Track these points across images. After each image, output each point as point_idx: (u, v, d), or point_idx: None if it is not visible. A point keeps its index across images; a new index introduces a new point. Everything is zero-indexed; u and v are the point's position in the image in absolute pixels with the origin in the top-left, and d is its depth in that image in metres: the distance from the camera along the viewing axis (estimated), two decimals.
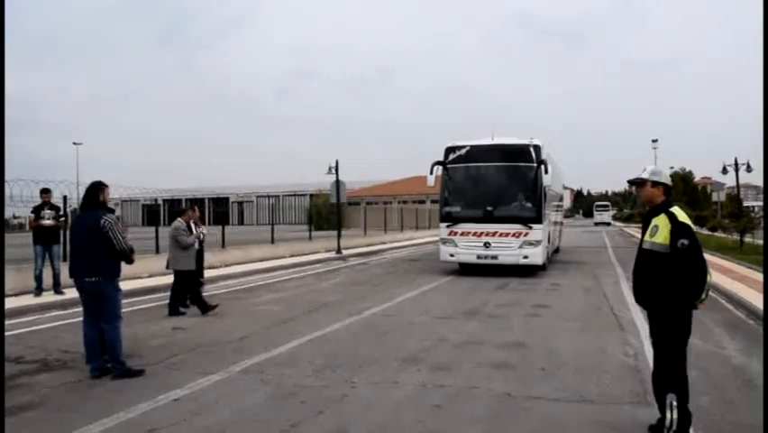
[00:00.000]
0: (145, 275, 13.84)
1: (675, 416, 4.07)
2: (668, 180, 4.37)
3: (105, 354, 6.23)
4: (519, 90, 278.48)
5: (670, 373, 4.16)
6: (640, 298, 4.42)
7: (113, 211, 6.31)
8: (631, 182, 4.56)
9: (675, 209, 4.21)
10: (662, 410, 4.19)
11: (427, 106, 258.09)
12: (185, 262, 9.98)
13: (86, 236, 6.06)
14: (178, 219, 10.24)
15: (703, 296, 4.11)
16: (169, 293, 10.17)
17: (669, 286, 4.11)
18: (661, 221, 4.20)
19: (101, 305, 6.08)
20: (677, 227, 4.10)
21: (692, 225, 4.15)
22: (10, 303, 10.11)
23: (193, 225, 10.51)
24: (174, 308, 9.85)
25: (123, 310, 9.58)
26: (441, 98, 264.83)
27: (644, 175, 4.37)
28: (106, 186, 6.30)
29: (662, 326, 4.19)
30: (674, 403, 4.09)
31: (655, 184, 4.33)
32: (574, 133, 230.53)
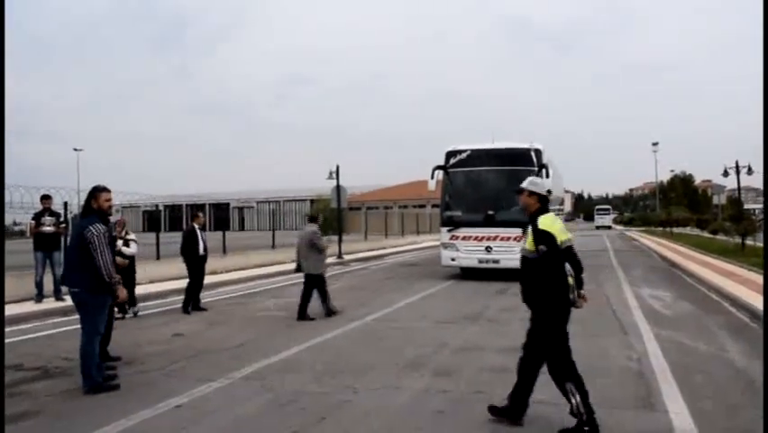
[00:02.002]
0: (145, 282, 13.80)
1: (578, 399, 4.41)
2: (543, 191, 4.77)
3: (103, 362, 6.18)
4: (520, 93, 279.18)
5: (565, 364, 4.53)
6: (524, 298, 4.73)
7: (106, 221, 5.90)
8: (514, 190, 5.00)
9: (542, 217, 4.59)
10: (566, 396, 4.50)
11: (425, 112, 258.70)
12: (319, 266, 10.08)
13: (73, 245, 5.92)
14: (312, 224, 10.34)
15: (572, 295, 4.49)
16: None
17: (538, 287, 4.54)
18: (530, 228, 4.61)
19: (82, 316, 5.85)
20: (536, 234, 4.51)
21: (557, 232, 4.49)
22: (10, 310, 10.08)
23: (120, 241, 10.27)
24: (303, 313, 9.80)
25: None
26: (440, 102, 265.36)
27: (524, 185, 4.82)
28: (102, 191, 5.91)
29: (545, 323, 4.56)
30: (573, 388, 4.44)
31: (531, 193, 4.74)
32: (575, 137, 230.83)
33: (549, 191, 4.85)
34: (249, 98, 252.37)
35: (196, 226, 11.07)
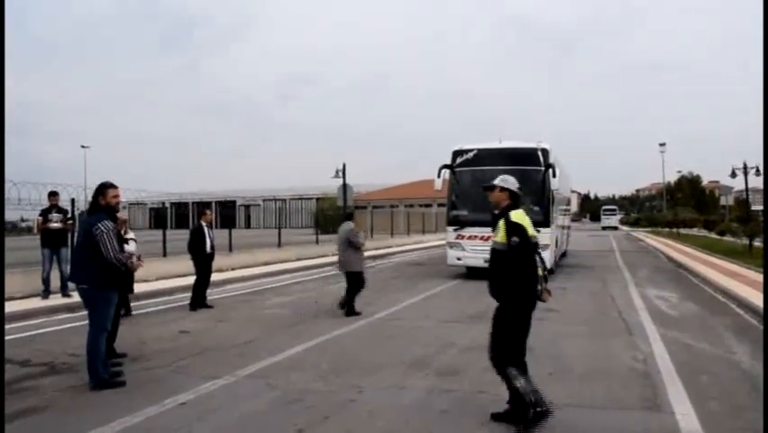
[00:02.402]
0: (152, 279, 13.85)
1: (523, 382, 4.54)
2: (514, 187, 4.92)
3: (109, 358, 6.20)
4: (525, 93, 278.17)
5: (509, 351, 4.66)
6: (492, 291, 4.84)
7: (113, 217, 5.96)
8: (484, 187, 5.12)
9: (513, 212, 4.76)
10: (509, 383, 4.62)
11: (430, 111, 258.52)
12: (357, 264, 10.18)
13: (80, 242, 5.93)
14: (349, 222, 10.43)
15: (541, 286, 4.64)
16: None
17: (509, 279, 4.65)
18: (501, 222, 4.77)
19: (90, 312, 5.88)
20: (510, 226, 4.67)
21: (527, 225, 4.68)
22: (17, 306, 10.14)
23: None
24: (351, 309, 9.90)
25: (132, 313, 9.73)
26: (444, 101, 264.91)
27: (495, 182, 4.99)
28: (109, 187, 5.97)
29: (509, 312, 4.70)
30: (515, 372, 4.58)
31: (503, 189, 4.91)
32: (581, 137, 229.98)
33: (519, 188, 5.01)
34: (252, 98, 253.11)
35: (204, 224, 11.08)
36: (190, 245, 11.01)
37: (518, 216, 4.73)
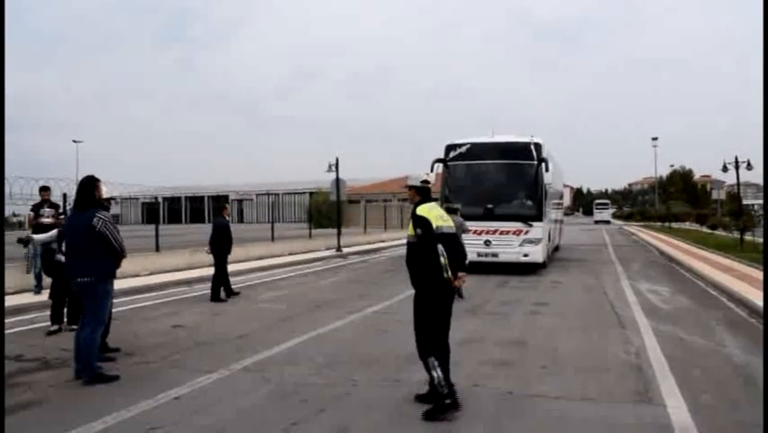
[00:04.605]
0: (144, 273, 13.82)
1: (440, 373, 4.75)
2: (417, 183, 5.14)
3: (102, 353, 6.20)
4: (519, 88, 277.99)
5: (431, 341, 4.86)
6: (411, 281, 5.03)
7: (107, 208, 6.08)
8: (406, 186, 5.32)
9: (421, 206, 4.96)
10: (428, 371, 4.83)
11: (427, 105, 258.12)
12: None
13: (79, 236, 5.88)
14: (454, 214, 10.60)
15: (446, 274, 4.75)
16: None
17: (420, 268, 4.87)
18: (412, 216, 4.97)
19: (88, 305, 5.88)
20: (414, 219, 4.91)
21: (433, 218, 4.83)
22: (9, 301, 10.09)
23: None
24: (459, 292, 10.08)
25: (123, 309, 9.71)
26: (440, 97, 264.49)
27: (409, 182, 5.22)
28: (99, 181, 6.04)
29: (422, 301, 4.90)
30: (435, 363, 4.77)
31: (411, 187, 5.18)
32: (574, 131, 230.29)
33: (425, 181, 5.20)
34: (252, 91, 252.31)
35: (227, 218, 11.74)
36: (220, 239, 11.34)
37: (424, 209, 4.91)
